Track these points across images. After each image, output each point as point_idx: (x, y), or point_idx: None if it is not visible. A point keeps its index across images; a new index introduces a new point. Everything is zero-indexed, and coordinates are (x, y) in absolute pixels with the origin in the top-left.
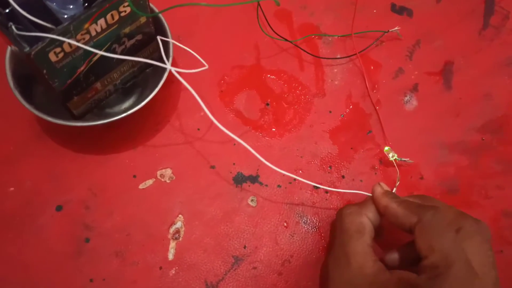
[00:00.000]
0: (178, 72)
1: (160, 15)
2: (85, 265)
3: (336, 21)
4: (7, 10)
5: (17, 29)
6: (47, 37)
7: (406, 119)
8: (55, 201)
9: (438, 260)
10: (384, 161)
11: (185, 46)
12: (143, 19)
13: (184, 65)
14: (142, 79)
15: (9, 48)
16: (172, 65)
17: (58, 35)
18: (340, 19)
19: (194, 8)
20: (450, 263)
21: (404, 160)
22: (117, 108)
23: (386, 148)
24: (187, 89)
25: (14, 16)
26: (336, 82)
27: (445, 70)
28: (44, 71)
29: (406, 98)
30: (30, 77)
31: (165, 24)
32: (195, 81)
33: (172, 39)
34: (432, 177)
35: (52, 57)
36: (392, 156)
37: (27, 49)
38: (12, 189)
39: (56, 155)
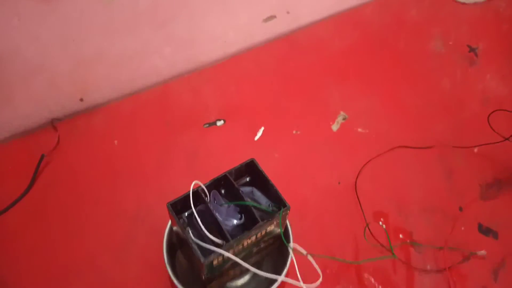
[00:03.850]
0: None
1: (288, 224)
2: None
3: (427, 231)
4: (186, 214)
5: (191, 232)
6: (218, 252)
7: None
8: None
9: None
10: None
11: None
12: (278, 230)
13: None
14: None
15: (169, 225)
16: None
17: (225, 249)
18: (431, 230)
19: (305, 203)
20: None
21: None
22: (234, 283)
23: None
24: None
25: (190, 219)
26: None
27: None
28: (205, 270)
29: None
30: (176, 248)
31: (290, 230)
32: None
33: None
34: None
35: (215, 262)
36: None
37: (203, 259)
38: None
39: None
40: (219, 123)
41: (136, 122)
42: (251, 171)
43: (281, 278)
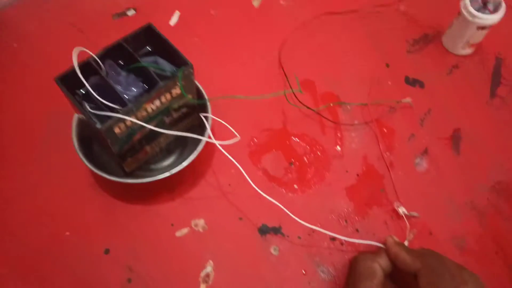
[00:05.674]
0: (215, 139)
1: (202, 90)
2: None
3: (355, 91)
4: (83, 92)
5: (90, 107)
6: (115, 117)
7: (417, 180)
8: (105, 244)
9: None
10: (395, 217)
11: (222, 110)
12: (189, 97)
13: (218, 128)
14: (182, 140)
15: (75, 116)
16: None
17: (123, 114)
18: (358, 90)
19: (231, 83)
20: None
21: (412, 214)
22: (160, 165)
23: (397, 203)
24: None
25: (88, 96)
26: (353, 145)
27: (454, 136)
28: (109, 141)
29: (417, 161)
30: (91, 138)
31: (206, 97)
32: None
33: (211, 107)
34: (441, 233)
35: (116, 130)
36: (402, 211)
37: (99, 125)
38: (68, 233)
39: (107, 204)
40: (130, 12)
41: (37, 26)
42: (151, 39)
43: (203, 139)
